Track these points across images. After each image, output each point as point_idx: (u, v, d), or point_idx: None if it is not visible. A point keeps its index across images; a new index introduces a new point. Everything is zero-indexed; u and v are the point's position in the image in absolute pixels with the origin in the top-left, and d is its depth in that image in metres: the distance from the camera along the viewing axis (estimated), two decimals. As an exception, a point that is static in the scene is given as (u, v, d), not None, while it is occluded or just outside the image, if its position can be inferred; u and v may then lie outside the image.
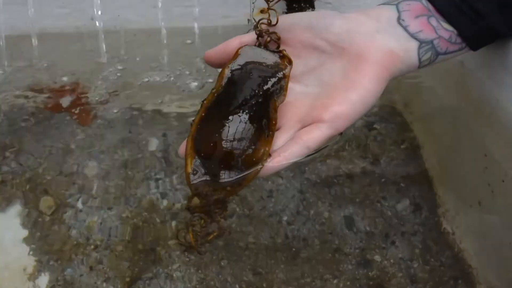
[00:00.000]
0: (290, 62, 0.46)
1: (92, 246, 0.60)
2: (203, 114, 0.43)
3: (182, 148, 0.43)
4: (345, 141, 0.72)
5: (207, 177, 0.41)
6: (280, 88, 0.44)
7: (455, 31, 0.46)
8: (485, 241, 0.58)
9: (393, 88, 0.79)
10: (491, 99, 0.55)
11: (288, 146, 0.42)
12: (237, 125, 0.41)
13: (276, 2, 0.47)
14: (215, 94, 0.43)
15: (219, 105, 0.43)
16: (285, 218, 0.63)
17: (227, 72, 0.44)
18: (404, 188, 0.67)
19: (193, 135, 0.42)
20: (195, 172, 0.41)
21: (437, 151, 0.71)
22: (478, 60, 0.58)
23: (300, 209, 0.64)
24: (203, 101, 0.44)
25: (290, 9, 0.76)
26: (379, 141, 0.73)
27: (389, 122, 0.75)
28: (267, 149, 0.41)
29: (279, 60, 0.45)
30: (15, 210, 0.64)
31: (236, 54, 0.45)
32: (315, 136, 0.42)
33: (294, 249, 0.60)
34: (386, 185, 0.67)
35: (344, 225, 0.63)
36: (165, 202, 0.65)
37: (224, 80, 0.44)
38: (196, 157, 0.41)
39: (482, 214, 0.59)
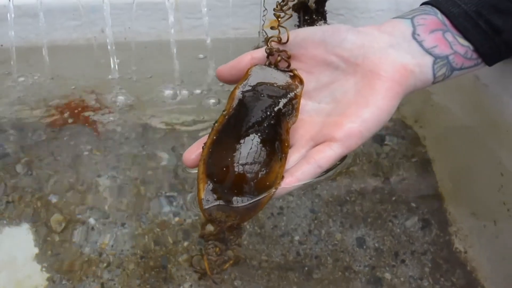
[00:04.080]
0: (301, 82, 0.45)
1: (105, 264, 0.59)
2: (214, 137, 0.42)
3: (187, 157, 0.43)
4: (354, 154, 0.71)
5: (221, 202, 0.40)
6: (292, 109, 0.43)
7: (471, 47, 0.45)
8: (501, 262, 0.56)
9: (404, 102, 0.76)
10: (508, 114, 0.54)
11: (300, 166, 0.41)
12: (249, 148, 0.41)
13: (287, 20, 0.46)
14: (226, 117, 0.43)
15: (231, 128, 0.42)
16: (296, 237, 0.62)
17: (238, 94, 0.44)
18: (415, 207, 0.66)
19: (205, 159, 0.41)
20: (208, 197, 0.40)
21: (449, 168, 0.69)
22: (493, 74, 0.56)
23: (312, 228, 0.63)
24: (214, 124, 0.43)
25: (302, 21, 0.75)
26: (390, 158, 0.71)
27: (400, 137, 0.74)
28: (280, 172, 0.41)
29: (290, 80, 0.45)
30: (26, 227, 0.63)
31: (247, 75, 0.45)
32: (327, 155, 0.41)
33: (306, 268, 0.59)
34: (397, 204, 0.66)
35: (356, 245, 0.62)
36: (176, 219, 0.63)
37: (235, 102, 0.43)
38: (209, 181, 0.41)
39: (498, 233, 0.57)
